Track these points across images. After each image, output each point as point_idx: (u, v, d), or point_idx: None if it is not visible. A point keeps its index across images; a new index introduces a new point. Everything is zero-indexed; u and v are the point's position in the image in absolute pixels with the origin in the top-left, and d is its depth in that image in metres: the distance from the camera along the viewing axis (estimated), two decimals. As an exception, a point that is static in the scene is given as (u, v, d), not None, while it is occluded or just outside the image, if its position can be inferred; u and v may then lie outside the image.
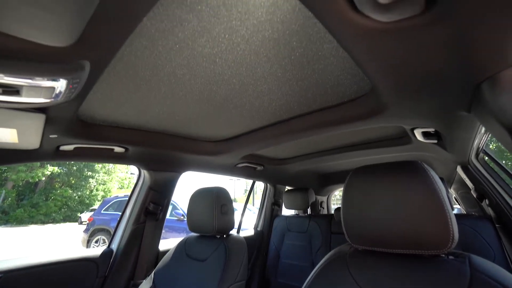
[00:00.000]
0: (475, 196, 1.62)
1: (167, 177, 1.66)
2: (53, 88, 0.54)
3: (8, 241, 8.93)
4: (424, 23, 0.43)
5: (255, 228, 2.58)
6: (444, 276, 0.58)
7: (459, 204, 2.30)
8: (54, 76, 0.49)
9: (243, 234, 2.41)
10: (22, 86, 0.51)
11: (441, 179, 1.64)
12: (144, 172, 1.62)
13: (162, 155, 1.46)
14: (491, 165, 1.46)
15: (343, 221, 0.73)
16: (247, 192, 2.98)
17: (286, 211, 2.67)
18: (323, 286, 0.71)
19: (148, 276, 1.32)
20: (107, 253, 1.45)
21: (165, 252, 1.48)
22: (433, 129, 1.06)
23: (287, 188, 2.75)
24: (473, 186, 1.61)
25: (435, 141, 1.20)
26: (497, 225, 1.41)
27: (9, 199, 15.69)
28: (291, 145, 1.63)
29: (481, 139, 1.23)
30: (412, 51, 0.51)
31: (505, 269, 1.30)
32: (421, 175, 0.62)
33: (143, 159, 1.47)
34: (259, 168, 2.04)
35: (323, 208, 3.30)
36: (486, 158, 1.48)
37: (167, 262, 1.31)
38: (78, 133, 1.03)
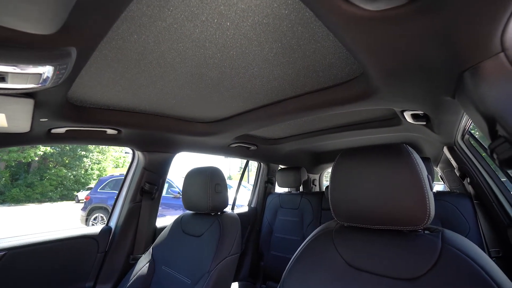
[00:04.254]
0: (458, 174, 1.70)
1: (161, 158, 1.68)
2: (39, 74, 0.54)
3: (8, 219, 9.06)
4: (409, 13, 0.43)
5: (249, 204, 2.67)
6: (418, 249, 0.63)
7: (443, 182, 2.41)
8: (39, 63, 0.49)
9: (238, 210, 2.50)
10: (6, 72, 0.50)
11: (427, 159, 1.71)
12: (138, 153, 1.63)
13: (155, 136, 1.47)
14: (475, 146, 1.52)
15: (330, 200, 0.77)
16: (242, 169, 3.04)
17: (279, 189, 2.76)
18: (311, 257, 0.78)
19: (147, 251, 1.39)
20: (106, 230, 1.51)
21: (162, 229, 1.54)
22: (422, 112, 1.08)
23: (280, 166, 2.82)
24: (456, 166, 1.68)
25: (424, 123, 1.23)
26: (475, 201, 1.51)
27: (3, 179, 15.64)
28: (284, 125, 1.65)
29: (467, 121, 1.27)
30: (398, 39, 0.52)
31: (478, 240, 1.40)
32: (404, 157, 0.65)
33: (136, 140, 1.48)
34: (252, 148, 2.07)
35: (315, 185, 3.41)
36: (471, 139, 1.53)
37: (164, 237, 1.38)
38: (69, 116, 1.02)
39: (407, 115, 1.17)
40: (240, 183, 2.73)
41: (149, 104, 1.14)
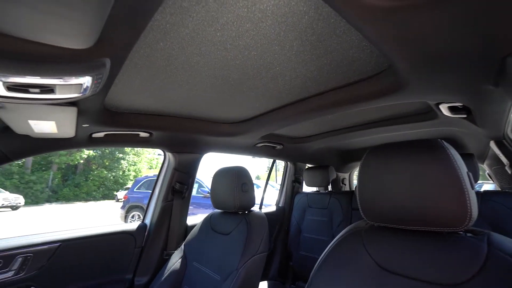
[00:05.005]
0: (510, 172, 1.52)
1: (190, 158, 1.75)
2: (80, 85, 0.60)
3: (62, 216, 10.18)
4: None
5: (277, 204, 2.67)
6: (460, 253, 0.58)
7: (493, 181, 2.18)
8: (80, 75, 0.55)
9: (265, 210, 2.52)
10: (55, 85, 0.57)
11: (470, 155, 1.56)
12: (169, 155, 1.72)
13: (184, 138, 1.54)
14: None
15: (359, 199, 0.74)
16: (268, 168, 3.04)
17: (307, 188, 2.72)
18: (339, 259, 0.75)
19: (179, 247, 1.46)
20: (142, 227, 1.62)
21: (193, 226, 1.61)
22: (460, 104, 0.99)
23: (308, 165, 2.77)
24: (508, 162, 1.51)
25: (464, 116, 1.12)
26: None
27: (56, 180, 17.54)
28: (310, 123, 1.62)
29: None
30: (427, 28, 0.48)
31: None
32: (439, 153, 0.61)
33: (166, 142, 1.56)
34: (278, 147, 2.06)
35: (345, 185, 3.29)
36: None
37: (195, 235, 1.44)
38: (107, 121, 1.11)
39: (444, 108, 1.07)
40: (267, 182, 2.74)
41: (177, 107, 1.20)
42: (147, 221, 1.69)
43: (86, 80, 0.59)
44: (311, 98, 1.12)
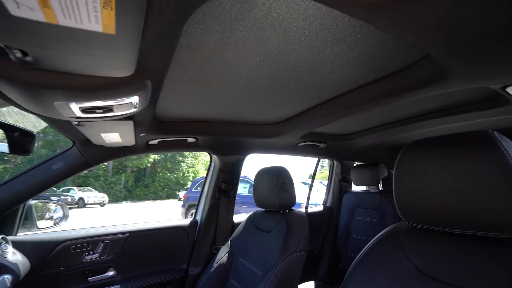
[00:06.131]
0: None
1: (234, 160, 1.86)
2: (131, 103, 0.73)
3: (135, 212, 11.86)
4: None
5: (324, 203, 2.61)
6: None
7: None
8: (129, 95, 0.67)
9: (312, 209, 2.49)
10: (113, 105, 0.71)
11: None
12: (214, 157, 1.86)
13: (227, 141, 1.65)
14: None
15: (395, 198, 0.70)
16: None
17: (357, 187, 2.58)
18: (374, 261, 0.73)
19: (226, 242, 1.58)
20: (194, 223, 1.80)
21: (239, 223, 1.72)
22: None
23: (356, 163, 2.62)
24: None
25: None
26: None
27: (129, 181, 20.41)
28: (353, 119, 1.54)
29: None
30: (457, 8, 0.43)
31: None
32: (488, 147, 0.54)
33: (211, 145, 1.70)
34: (321, 145, 2.02)
35: (401, 183, 2.99)
36: None
37: (240, 232, 1.54)
38: (158, 130, 1.29)
39: None
40: (313, 181, 2.69)
41: (217, 113, 1.30)
42: (198, 217, 1.86)
43: (134, 99, 0.71)
44: (345, 94, 1.09)
